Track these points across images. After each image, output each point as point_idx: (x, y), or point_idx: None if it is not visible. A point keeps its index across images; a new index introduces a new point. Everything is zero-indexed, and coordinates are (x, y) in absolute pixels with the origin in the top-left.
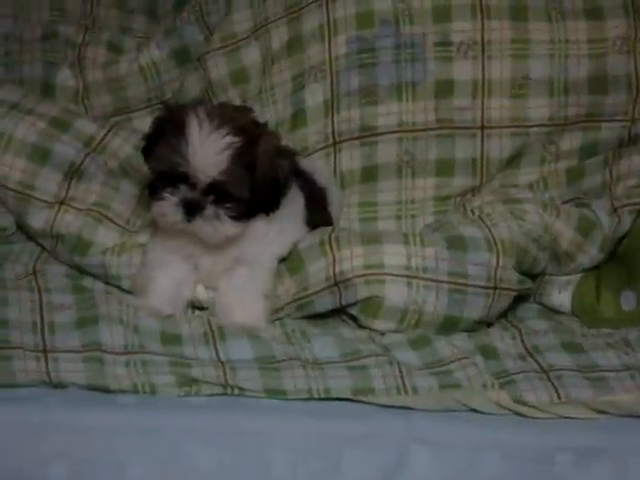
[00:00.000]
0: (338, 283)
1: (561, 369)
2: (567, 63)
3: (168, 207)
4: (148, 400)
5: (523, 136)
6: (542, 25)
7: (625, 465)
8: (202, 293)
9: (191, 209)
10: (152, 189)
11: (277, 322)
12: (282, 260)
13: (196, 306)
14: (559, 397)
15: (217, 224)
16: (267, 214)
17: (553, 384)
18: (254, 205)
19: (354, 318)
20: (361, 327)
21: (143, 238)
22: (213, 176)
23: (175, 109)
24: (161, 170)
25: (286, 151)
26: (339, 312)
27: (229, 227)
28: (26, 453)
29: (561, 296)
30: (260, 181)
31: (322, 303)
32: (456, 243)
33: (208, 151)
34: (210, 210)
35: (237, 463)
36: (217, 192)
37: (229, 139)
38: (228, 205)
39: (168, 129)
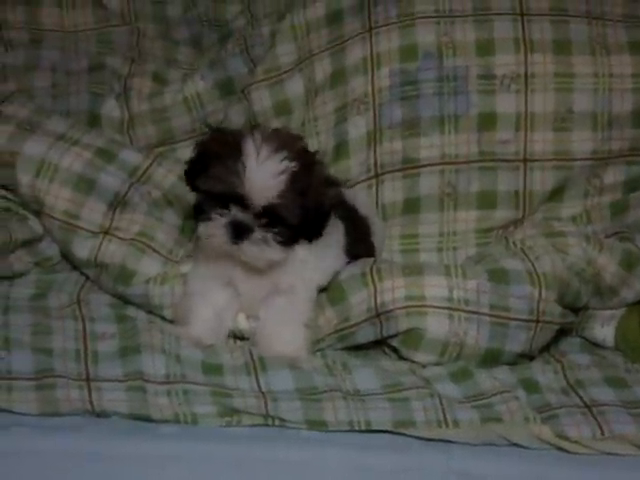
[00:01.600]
0: (379, 314)
1: (604, 404)
2: (611, 97)
3: (217, 228)
4: (190, 430)
5: (566, 169)
6: (586, 59)
7: None
8: (243, 322)
9: (240, 231)
10: (199, 210)
11: (318, 353)
12: (323, 290)
13: (237, 336)
14: (602, 432)
15: (264, 248)
16: (310, 241)
17: (596, 419)
18: (300, 231)
19: (395, 350)
20: (402, 359)
21: (185, 268)
22: (268, 199)
23: (224, 133)
24: (214, 191)
25: (334, 180)
26: (380, 343)
27: (275, 251)
28: None
29: (604, 330)
30: (310, 208)
31: (363, 334)
32: (498, 276)
33: (265, 174)
34: (259, 233)
35: None
36: (269, 216)
37: (286, 164)
38: (277, 230)
39: (222, 151)
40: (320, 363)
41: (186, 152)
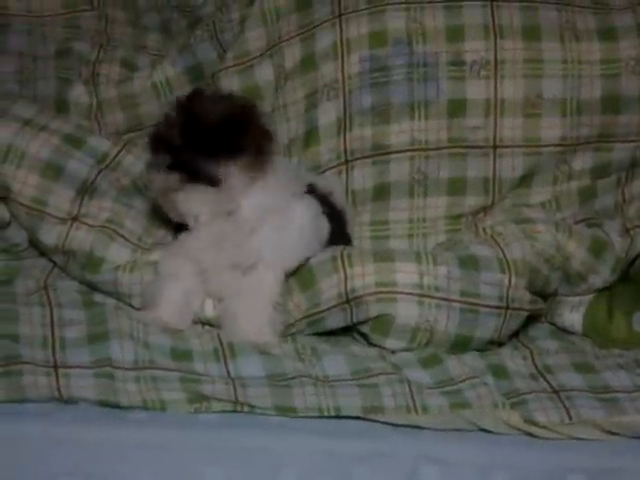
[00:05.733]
0: (349, 300)
1: (572, 389)
2: (580, 83)
3: (165, 176)
4: (158, 416)
5: (535, 156)
6: (555, 45)
7: None
8: (209, 309)
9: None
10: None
11: (288, 338)
12: (292, 275)
13: (204, 322)
14: (570, 418)
15: (157, 175)
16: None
17: (564, 404)
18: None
19: (365, 336)
20: (372, 345)
21: (155, 256)
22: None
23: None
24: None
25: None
26: (350, 329)
27: (164, 179)
28: (36, 469)
29: (573, 316)
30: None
31: (333, 320)
32: (468, 262)
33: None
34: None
35: None
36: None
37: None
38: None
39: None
40: (289, 348)
41: None
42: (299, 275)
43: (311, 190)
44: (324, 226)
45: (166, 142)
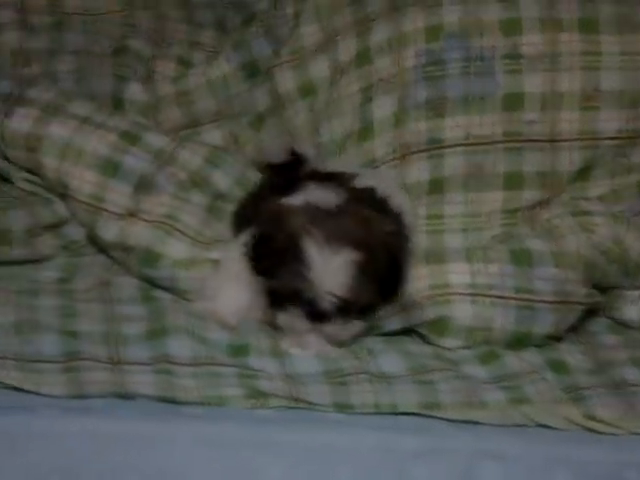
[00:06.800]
0: (405, 305)
1: (632, 384)
2: (637, 75)
3: (293, 318)
4: (215, 412)
5: (593, 149)
6: (613, 37)
7: None
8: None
9: (318, 317)
10: (274, 298)
11: None
12: None
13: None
14: (631, 413)
15: (345, 327)
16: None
17: (625, 399)
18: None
19: (421, 335)
20: (428, 343)
21: (214, 254)
22: (339, 296)
23: (279, 214)
24: (284, 292)
25: (404, 246)
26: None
27: (358, 327)
28: (96, 464)
29: (632, 310)
30: (384, 288)
31: (390, 324)
32: (522, 257)
33: (331, 272)
34: (337, 321)
35: (304, 476)
36: (344, 309)
37: (351, 256)
38: (355, 315)
39: (282, 245)
40: (345, 348)
41: (211, 135)
42: None
43: (371, 195)
44: None
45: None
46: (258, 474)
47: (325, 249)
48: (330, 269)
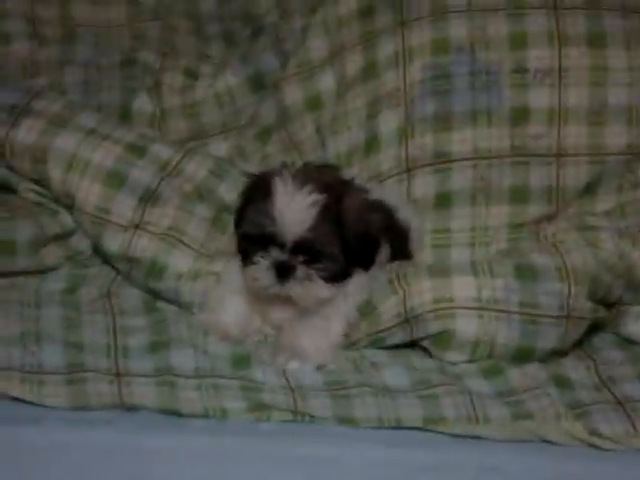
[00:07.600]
0: (409, 319)
1: (637, 401)
2: None
3: (260, 271)
4: (218, 424)
5: (600, 164)
6: (620, 52)
7: None
8: (293, 365)
9: (282, 271)
10: (244, 255)
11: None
12: None
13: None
14: (635, 429)
15: (309, 286)
16: (366, 269)
17: (629, 416)
18: (347, 265)
19: (425, 349)
20: (431, 357)
21: (218, 267)
22: (300, 234)
23: (261, 175)
24: (250, 233)
25: (377, 206)
26: (409, 342)
27: (322, 289)
28: (99, 476)
29: (637, 326)
30: (350, 238)
31: (394, 338)
32: (526, 272)
33: (294, 210)
34: (301, 271)
35: None
36: (306, 251)
37: (314, 197)
38: (319, 265)
39: (255, 195)
40: (348, 359)
41: (217, 147)
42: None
43: (377, 206)
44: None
45: (317, 251)
46: None
47: (290, 187)
48: (293, 207)
